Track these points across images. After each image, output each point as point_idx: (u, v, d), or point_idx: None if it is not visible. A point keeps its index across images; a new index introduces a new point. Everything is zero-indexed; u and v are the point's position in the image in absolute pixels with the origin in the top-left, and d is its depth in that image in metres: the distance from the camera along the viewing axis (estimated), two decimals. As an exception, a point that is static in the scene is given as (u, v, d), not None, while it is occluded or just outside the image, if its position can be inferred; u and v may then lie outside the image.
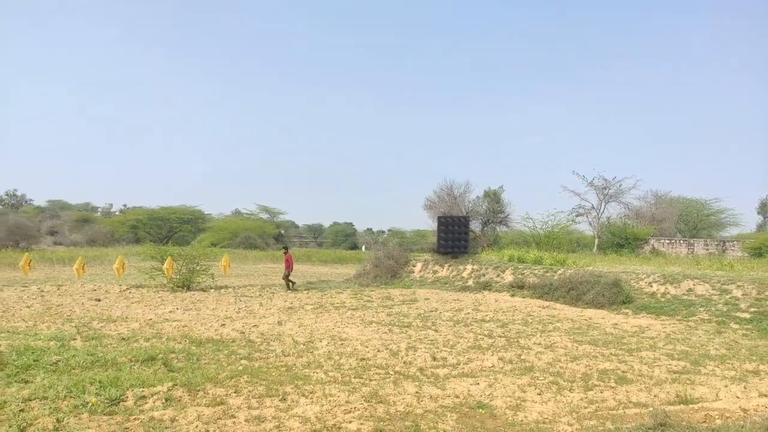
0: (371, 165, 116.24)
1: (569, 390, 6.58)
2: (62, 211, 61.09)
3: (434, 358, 8.11)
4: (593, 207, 35.13)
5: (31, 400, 5.43)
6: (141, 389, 5.80)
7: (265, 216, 64.39)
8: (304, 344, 8.93)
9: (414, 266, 23.71)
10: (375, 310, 13.58)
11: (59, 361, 6.98)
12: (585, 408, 5.89)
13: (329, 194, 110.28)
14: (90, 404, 5.28)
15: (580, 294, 15.84)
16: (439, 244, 23.64)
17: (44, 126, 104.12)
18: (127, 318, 11.19)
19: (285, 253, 19.64)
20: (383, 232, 75.77)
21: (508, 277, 19.23)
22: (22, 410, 5.13)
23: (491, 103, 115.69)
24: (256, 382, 6.33)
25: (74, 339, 8.52)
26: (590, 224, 35.52)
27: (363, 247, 54.49)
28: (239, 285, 19.95)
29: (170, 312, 12.31)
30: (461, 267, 21.66)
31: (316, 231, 76.88)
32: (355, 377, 6.84)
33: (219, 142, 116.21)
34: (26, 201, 67.15)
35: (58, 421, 4.87)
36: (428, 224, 29.75)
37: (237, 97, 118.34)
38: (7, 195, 65.94)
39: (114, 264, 20.00)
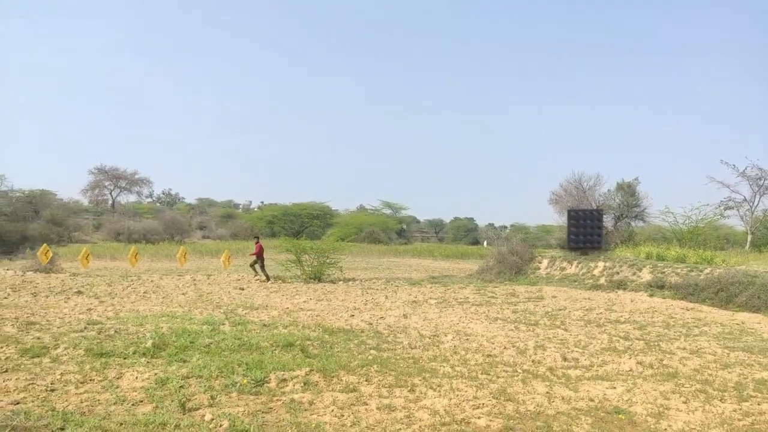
0: (492, 159, 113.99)
1: (720, 400, 6.00)
2: (209, 208, 67.55)
3: (565, 359, 7.81)
4: (745, 199, 31.38)
5: (188, 378, 6.08)
6: (282, 372, 6.26)
7: (387, 211, 66.04)
8: (429, 338, 9.05)
9: (540, 263, 22.92)
10: (500, 307, 13.36)
11: (211, 343, 7.73)
12: (739, 420, 5.33)
13: (450, 189, 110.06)
14: (239, 384, 5.80)
15: (730, 296, 14.32)
16: (569, 239, 22.56)
17: (191, 129, 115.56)
18: (267, 306, 12.10)
19: (256, 242, 19.77)
20: (505, 227, 74.15)
21: (646, 275, 17.89)
22: (181, 387, 5.76)
23: (619, 91, 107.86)
24: (386, 372, 6.54)
25: (223, 324, 9.38)
26: (742, 219, 31.77)
27: (485, 243, 53.65)
28: (365, 278, 20.68)
29: (304, 302, 13.10)
30: (592, 264, 20.54)
31: (437, 226, 77.18)
32: (481, 373, 6.80)
33: (345, 139, 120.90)
34: (179, 199, 75.25)
35: (212, 398, 5.41)
36: (554, 219, 28.41)
37: (361, 96, 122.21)
38: (163, 194, 74.33)
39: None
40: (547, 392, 6.05)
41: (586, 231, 22.16)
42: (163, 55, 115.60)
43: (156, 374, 6.15)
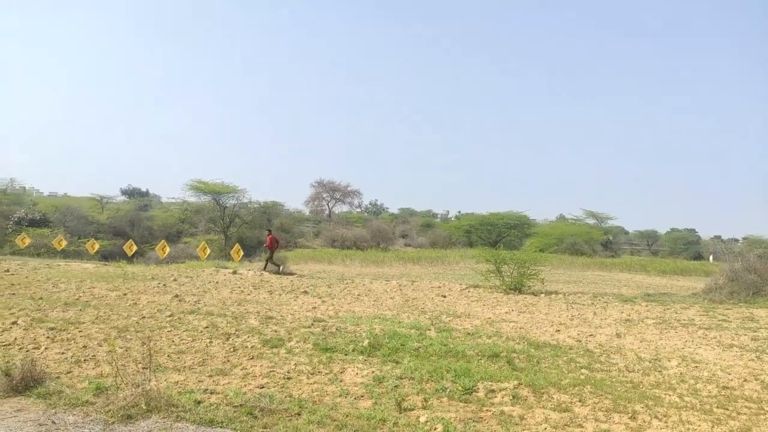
0: (717, 164, 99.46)
1: None
2: (411, 218, 70.99)
3: (830, 401, 6.45)
4: None
5: (402, 379, 6.45)
6: (490, 383, 6.27)
7: (591, 221, 61.95)
8: (649, 362, 8.23)
9: (787, 283, 19.25)
10: (734, 332, 11.56)
11: (420, 347, 8.09)
12: None
13: (666, 197, 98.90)
14: (449, 390, 5.97)
15: None
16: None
17: (390, 139, 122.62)
18: (469, 315, 12.23)
19: (268, 234, 21.76)
20: (736, 240, 63.97)
21: None
22: (396, 386, 6.13)
23: None
24: (601, 395, 6.13)
25: (429, 330, 9.74)
26: None
27: (710, 258, 47.04)
28: (568, 292, 19.61)
29: (506, 313, 12.94)
30: None
31: (649, 238, 70.05)
32: (717, 407, 5.97)
33: (544, 145, 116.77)
34: (384, 209, 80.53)
35: (425, 400, 5.65)
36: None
37: (561, 97, 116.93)
38: (371, 204, 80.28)
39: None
40: (809, 439, 5.07)
41: None
42: (371, 74, 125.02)
43: (373, 372, 6.65)
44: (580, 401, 5.85)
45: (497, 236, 53.21)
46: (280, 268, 20.92)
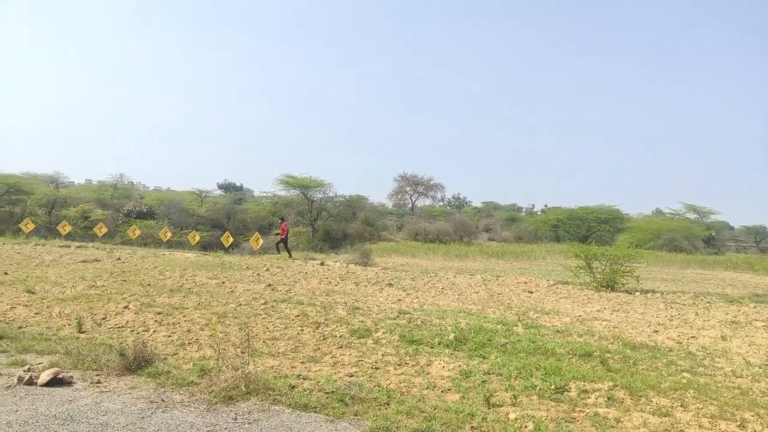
0: None
1: None
2: (494, 212, 69.79)
3: None
4: None
5: (489, 374, 6.39)
6: (582, 383, 6.07)
7: (692, 216, 57.97)
8: (759, 367, 7.61)
9: None
10: None
11: (507, 343, 7.96)
12: None
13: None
14: (539, 388, 5.84)
15: None
16: None
17: (476, 135, 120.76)
18: (558, 312, 11.86)
19: (281, 222, 24.05)
20: None
21: None
22: (483, 381, 6.07)
23: None
24: (705, 400, 5.75)
25: (516, 326, 9.56)
26: None
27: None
28: (667, 291, 18.47)
29: (598, 311, 12.42)
30: None
31: (758, 234, 64.43)
32: (844, 422, 5.42)
33: (638, 138, 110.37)
34: (467, 203, 79.71)
35: (514, 397, 5.56)
36: None
37: (657, 95, 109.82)
38: (453, 198, 79.79)
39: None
40: None
41: None
42: (460, 68, 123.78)
43: (459, 366, 6.63)
44: (681, 406, 5.52)
45: (587, 231, 51.03)
46: (291, 255, 21.99)
